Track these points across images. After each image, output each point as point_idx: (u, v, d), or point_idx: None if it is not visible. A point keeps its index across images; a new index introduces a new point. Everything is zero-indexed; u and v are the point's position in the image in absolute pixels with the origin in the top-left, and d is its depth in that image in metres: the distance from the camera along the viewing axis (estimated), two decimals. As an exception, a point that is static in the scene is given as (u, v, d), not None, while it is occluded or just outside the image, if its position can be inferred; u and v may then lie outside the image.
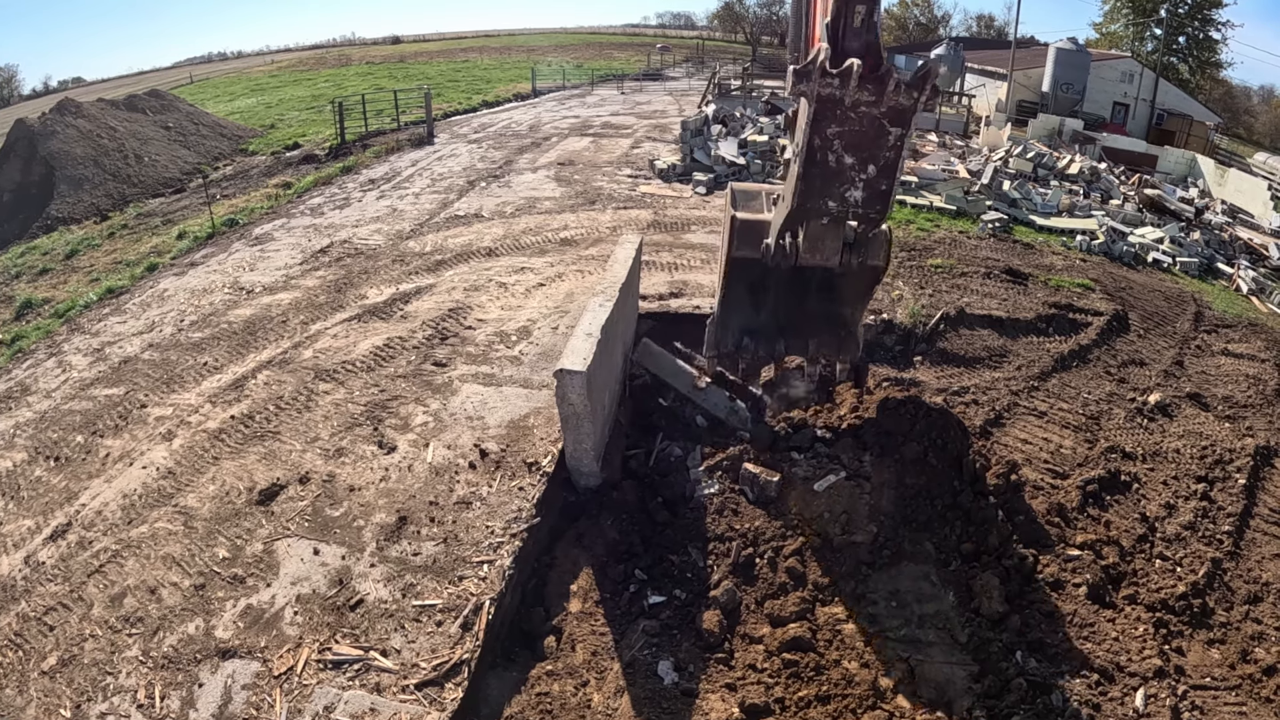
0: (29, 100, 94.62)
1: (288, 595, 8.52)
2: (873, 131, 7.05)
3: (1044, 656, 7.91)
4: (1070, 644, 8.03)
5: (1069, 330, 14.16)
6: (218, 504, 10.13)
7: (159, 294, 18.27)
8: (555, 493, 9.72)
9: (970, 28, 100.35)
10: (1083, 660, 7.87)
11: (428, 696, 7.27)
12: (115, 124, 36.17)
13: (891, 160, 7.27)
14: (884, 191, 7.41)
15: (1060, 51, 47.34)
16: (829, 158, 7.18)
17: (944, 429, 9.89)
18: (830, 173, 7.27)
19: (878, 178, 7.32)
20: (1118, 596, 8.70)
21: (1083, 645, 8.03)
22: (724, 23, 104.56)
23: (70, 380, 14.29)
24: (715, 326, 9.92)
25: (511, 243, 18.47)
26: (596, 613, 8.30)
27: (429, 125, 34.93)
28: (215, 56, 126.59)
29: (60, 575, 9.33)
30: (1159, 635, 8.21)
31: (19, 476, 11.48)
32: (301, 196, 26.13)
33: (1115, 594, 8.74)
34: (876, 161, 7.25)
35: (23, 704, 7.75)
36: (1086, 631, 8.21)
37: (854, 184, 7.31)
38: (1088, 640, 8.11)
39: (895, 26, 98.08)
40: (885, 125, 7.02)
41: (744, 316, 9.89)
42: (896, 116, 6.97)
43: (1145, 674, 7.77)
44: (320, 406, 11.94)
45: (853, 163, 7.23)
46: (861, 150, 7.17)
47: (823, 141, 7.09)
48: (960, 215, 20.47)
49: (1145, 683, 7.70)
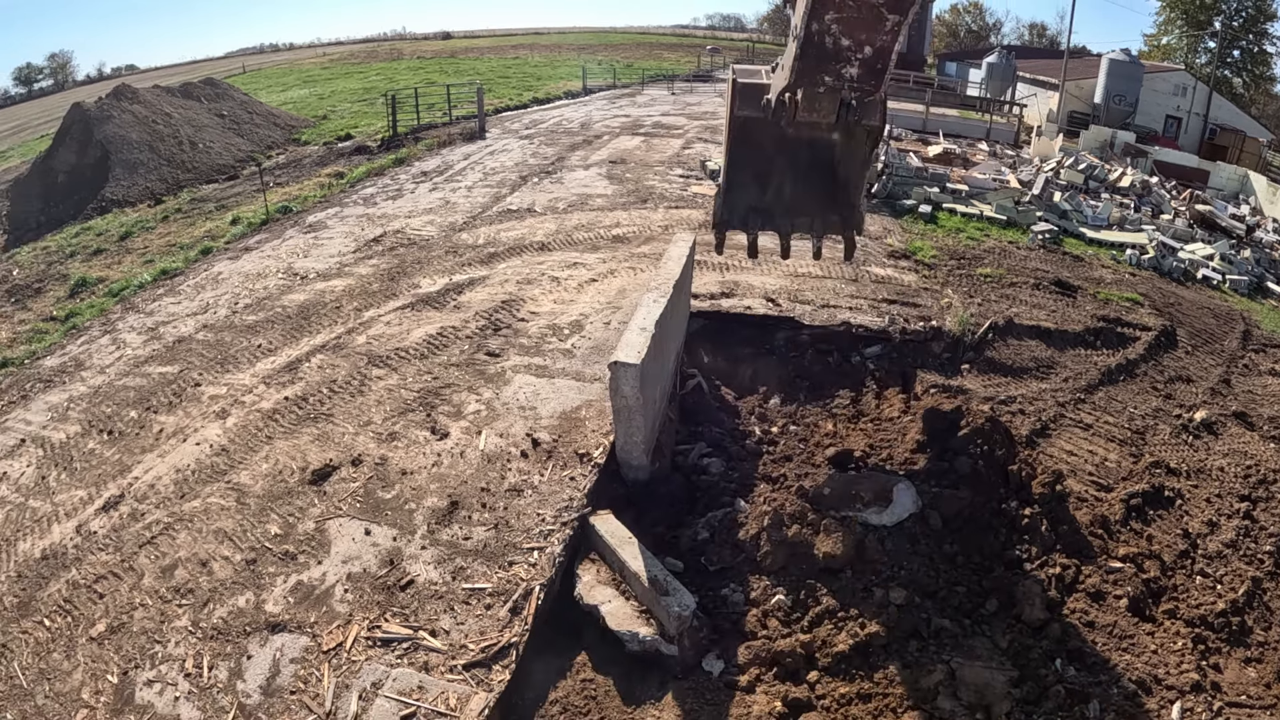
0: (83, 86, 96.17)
1: (338, 573, 8.68)
2: (871, 18, 7.03)
3: (1083, 665, 7.92)
4: (1109, 654, 8.05)
5: (1117, 344, 14.11)
6: (270, 482, 10.33)
7: (213, 277, 18.57)
8: (605, 484, 9.82)
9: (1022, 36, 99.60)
10: (1121, 671, 7.88)
11: (475, 677, 7.36)
12: (170, 110, 36.73)
13: (888, 44, 7.27)
14: (880, 70, 7.44)
15: (1113, 62, 46.94)
16: (826, 40, 7.17)
17: (992, 438, 9.94)
18: (827, 53, 7.27)
19: (874, 58, 7.35)
20: (1157, 610, 8.70)
21: (1121, 657, 8.05)
22: (774, 25, 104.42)
23: (124, 357, 14.58)
24: (720, 200, 9.93)
25: (564, 238, 18.62)
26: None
27: (481, 120, 35.12)
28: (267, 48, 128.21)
29: (111, 545, 9.54)
30: (1197, 651, 8.21)
31: (72, 448, 11.75)
32: (354, 186, 26.44)
33: (1155, 608, 8.73)
34: (873, 44, 7.24)
35: (69, 668, 7.92)
36: (1126, 643, 8.22)
37: (850, 63, 7.33)
38: (1126, 652, 8.12)
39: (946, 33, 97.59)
40: (884, 12, 7.01)
41: (749, 195, 9.89)
42: (895, 5, 7.00)
43: (1182, 688, 7.78)
44: (373, 391, 12.15)
45: (849, 44, 7.21)
46: (859, 34, 7.15)
47: (820, 26, 7.08)
48: (1010, 225, 20.42)
49: (1182, 696, 7.71)
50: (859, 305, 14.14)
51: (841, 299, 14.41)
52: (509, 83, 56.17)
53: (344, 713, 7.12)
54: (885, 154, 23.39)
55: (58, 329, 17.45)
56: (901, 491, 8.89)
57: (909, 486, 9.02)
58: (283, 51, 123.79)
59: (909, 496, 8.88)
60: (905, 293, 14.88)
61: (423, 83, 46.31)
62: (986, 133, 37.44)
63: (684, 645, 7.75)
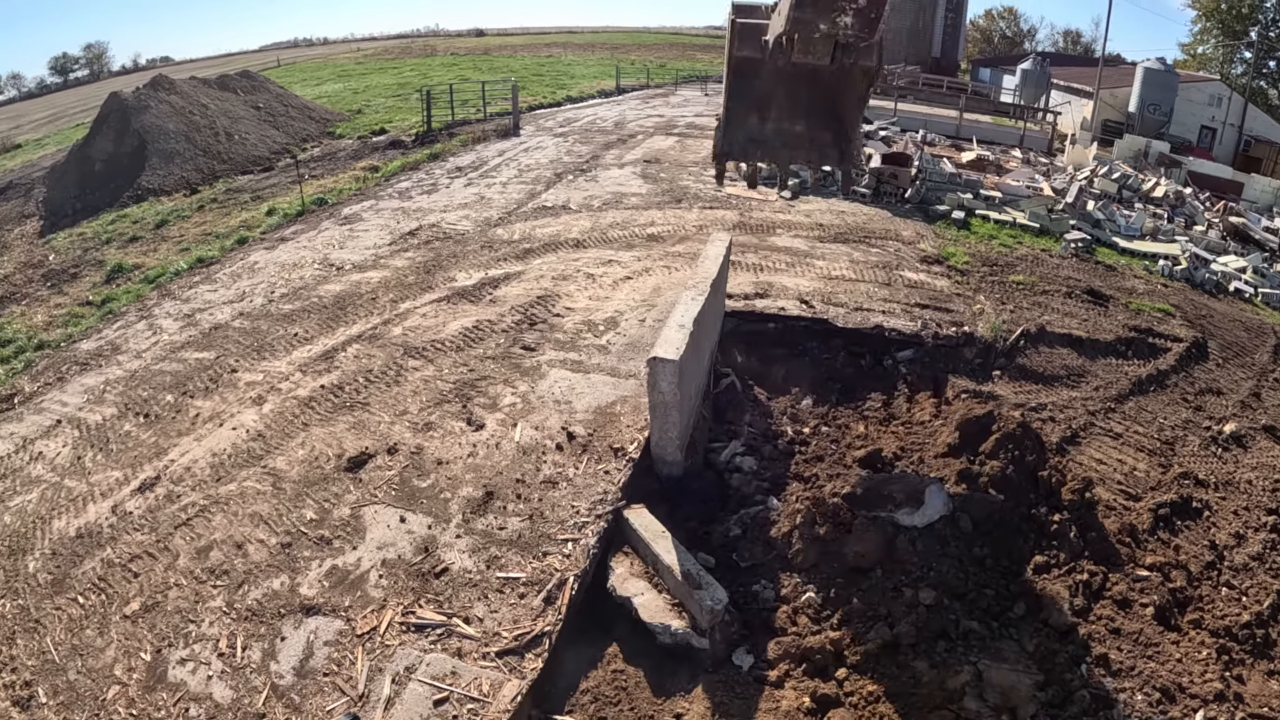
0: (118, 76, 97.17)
1: (373, 559, 8.82)
2: None
3: (1108, 671, 7.96)
4: (1134, 662, 8.09)
5: (1148, 354, 14.09)
6: (306, 468, 10.49)
7: (249, 266, 18.82)
8: (639, 479, 9.92)
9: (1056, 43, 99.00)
10: (1146, 678, 7.93)
11: (508, 665, 7.45)
12: (207, 101, 37.11)
13: None
14: (873, 19, 7.50)
15: (1148, 71, 46.55)
16: None
17: (1023, 443, 9.99)
18: (822, 2, 7.44)
19: (868, 8, 7.47)
20: (1183, 620, 8.73)
21: (1146, 664, 8.09)
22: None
23: (160, 342, 14.82)
24: (721, 132, 10.03)
25: (599, 236, 18.75)
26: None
27: (515, 117, 35.31)
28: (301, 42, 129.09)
29: (147, 525, 9.72)
30: (1221, 661, 8.23)
31: (108, 430, 11.98)
32: (389, 180, 26.68)
33: (1180, 617, 8.76)
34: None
35: (103, 645, 8.07)
36: (1151, 651, 8.25)
37: (845, 12, 7.44)
38: (1151, 660, 8.15)
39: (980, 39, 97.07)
40: None
41: (749, 127, 9.99)
42: None
43: (1206, 697, 7.82)
44: (409, 382, 12.30)
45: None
46: None
47: None
48: (1043, 233, 20.38)
49: (1205, 705, 7.74)
50: (892, 309, 14.19)
51: (874, 302, 14.47)
52: (542, 81, 56.36)
53: (377, 696, 7.22)
54: (919, 159, 23.40)
55: (94, 313, 17.73)
56: (933, 493, 8.96)
57: (940, 488, 9.09)
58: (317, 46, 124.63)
59: (940, 498, 8.95)
60: (938, 298, 14.93)
61: (456, 79, 46.55)
62: (1020, 140, 37.33)
63: (715, 639, 7.85)
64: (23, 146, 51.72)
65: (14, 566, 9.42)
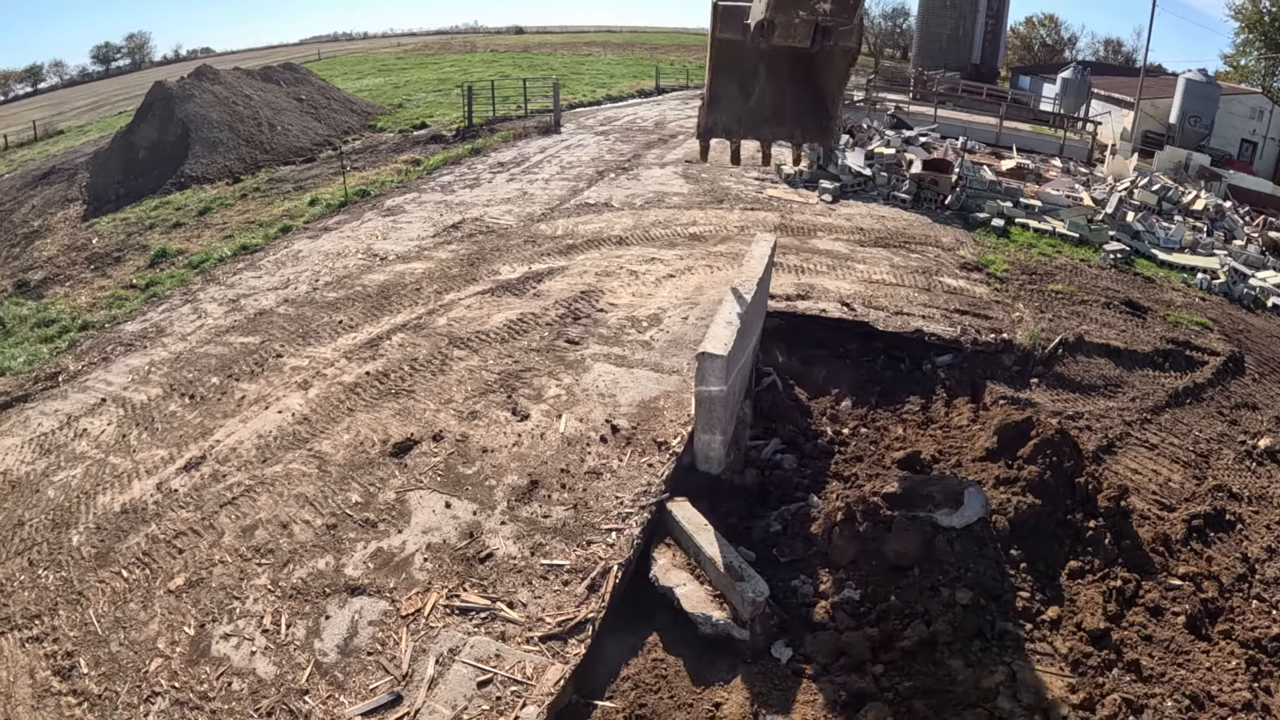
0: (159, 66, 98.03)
1: (418, 543, 9.01)
2: None
3: (1139, 677, 8.06)
4: (1165, 668, 8.18)
5: (1185, 367, 14.10)
6: (352, 452, 10.72)
7: (293, 254, 19.13)
8: (681, 473, 10.06)
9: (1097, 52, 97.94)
10: (1176, 685, 8.01)
11: (551, 649, 7.60)
12: (250, 92, 37.51)
13: None
14: (851, 5, 7.70)
15: (1189, 83, 46.16)
16: None
17: (1060, 449, 10.08)
18: None
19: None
20: (1213, 630, 8.80)
21: (1177, 671, 8.17)
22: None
23: (205, 326, 15.16)
24: (704, 112, 10.16)
25: (641, 233, 18.92)
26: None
27: (556, 114, 35.51)
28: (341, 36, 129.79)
29: (192, 503, 9.98)
30: (1250, 672, 8.30)
31: (153, 409, 12.29)
32: (431, 174, 26.96)
33: (1211, 627, 8.83)
34: None
35: (146, 619, 8.30)
36: (1181, 659, 8.33)
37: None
38: (1182, 667, 8.24)
39: (1020, 46, 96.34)
40: None
41: (732, 105, 10.11)
42: None
43: (1234, 705, 7.89)
44: (454, 371, 12.52)
45: None
46: None
47: None
48: (1082, 243, 20.37)
49: (1233, 714, 7.83)
50: (931, 314, 14.29)
51: (914, 307, 14.57)
52: (581, 79, 56.48)
53: (421, 676, 7.38)
54: (960, 166, 23.44)
55: (138, 296, 18.05)
56: (972, 495, 9.06)
57: (979, 491, 9.20)
58: (357, 40, 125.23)
59: (979, 500, 9.06)
60: (977, 304, 15.01)
61: (496, 76, 46.71)
62: (1060, 149, 37.16)
63: (755, 631, 8.00)
64: (65, 133, 52.42)
65: (57, 539, 9.70)
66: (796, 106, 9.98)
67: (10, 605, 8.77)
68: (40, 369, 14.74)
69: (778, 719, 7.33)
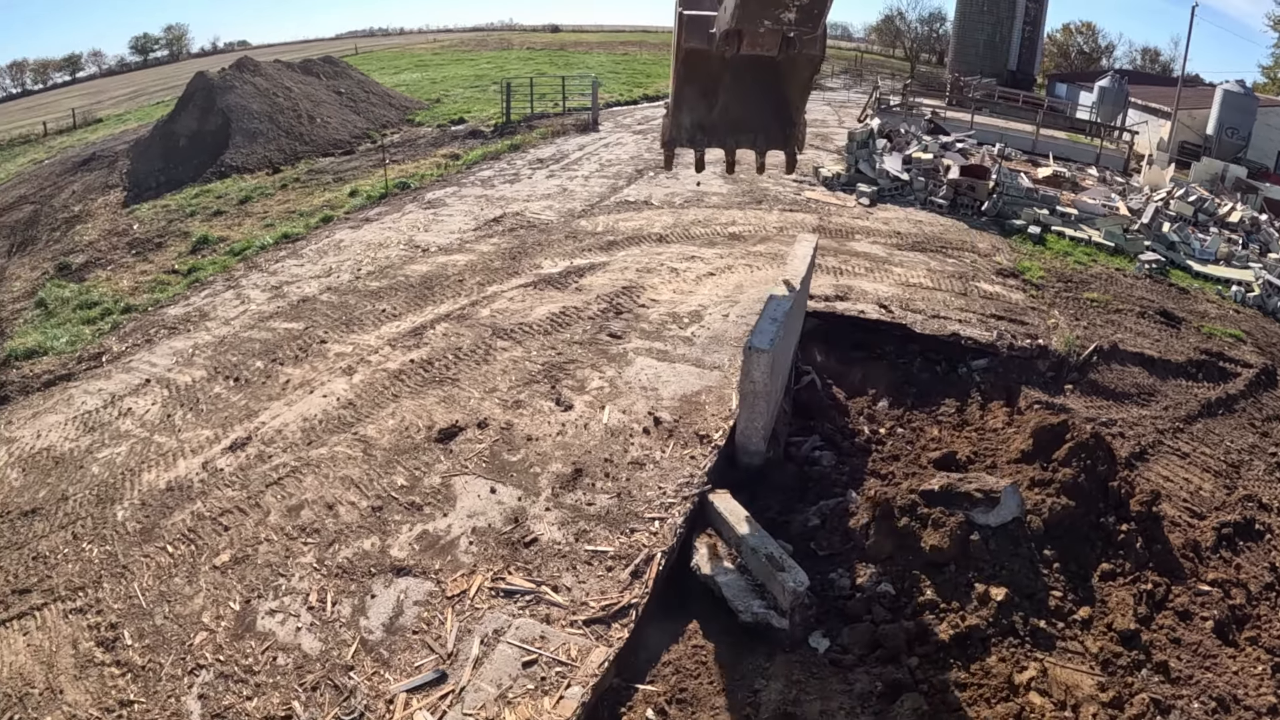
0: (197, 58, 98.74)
1: (464, 526, 9.24)
2: None
3: (1167, 678, 8.20)
4: (1192, 671, 8.32)
5: (1217, 378, 14.17)
6: (397, 437, 10.97)
7: (334, 243, 19.45)
8: (722, 466, 10.24)
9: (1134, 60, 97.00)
10: (1203, 688, 8.16)
11: (594, 633, 7.80)
12: (290, 85, 37.93)
13: None
14: (817, 14, 7.83)
15: (1227, 94, 45.74)
16: None
17: (1095, 453, 10.21)
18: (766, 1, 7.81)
19: (811, 5, 7.82)
20: (1240, 636, 8.92)
21: (1204, 674, 8.31)
22: (882, 36, 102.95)
23: (249, 311, 15.48)
24: (669, 120, 10.35)
25: (681, 232, 19.13)
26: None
27: (594, 113, 35.74)
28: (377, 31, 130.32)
29: (238, 483, 10.25)
30: (1276, 678, 8.40)
31: (198, 391, 12.61)
32: (470, 168, 27.24)
33: (1238, 633, 8.96)
34: None
35: (191, 593, 8.54)
36: (1209, 662, 8.47)
37: (789, 8, 7.80)
38: (1209, 670, 8.37)
39: (1057, 53, 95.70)
40: None
41: (696, 113, 10.26)
42: None
43: (1260, 709, 8.03)
44: (498, 361, 12.77)
45: None
46: None
47: None
48: (1118, 252, 20.39)
49: (1259, 718, 7.96)
50: (968, 318, 14.43)
51: (951, 311, 14.72)
52: (618, 78, 56.53)
53: (466, 655, 7.57)
54: (997, 173, 23.49)
55: (180, 281, 18.40)
56: (1008, 494, 9.20)
57: (1015, 491, 9.33)
58: (393, 36, 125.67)
59: (1015, 500, 9.20)
60: (1012, 310, 15.14)
61: (533, 73, 46.83)
62: (1096, 158, 37.02)
63: (794, 620, 8.19)
64: (104, 121, 52.95)
65: (102, 514, 9.99)
66: (760, 114, 10.21)
67: (54, 577, 9.03)
68: (83, 349, 15.11)
69: (815, 706, 7.50)
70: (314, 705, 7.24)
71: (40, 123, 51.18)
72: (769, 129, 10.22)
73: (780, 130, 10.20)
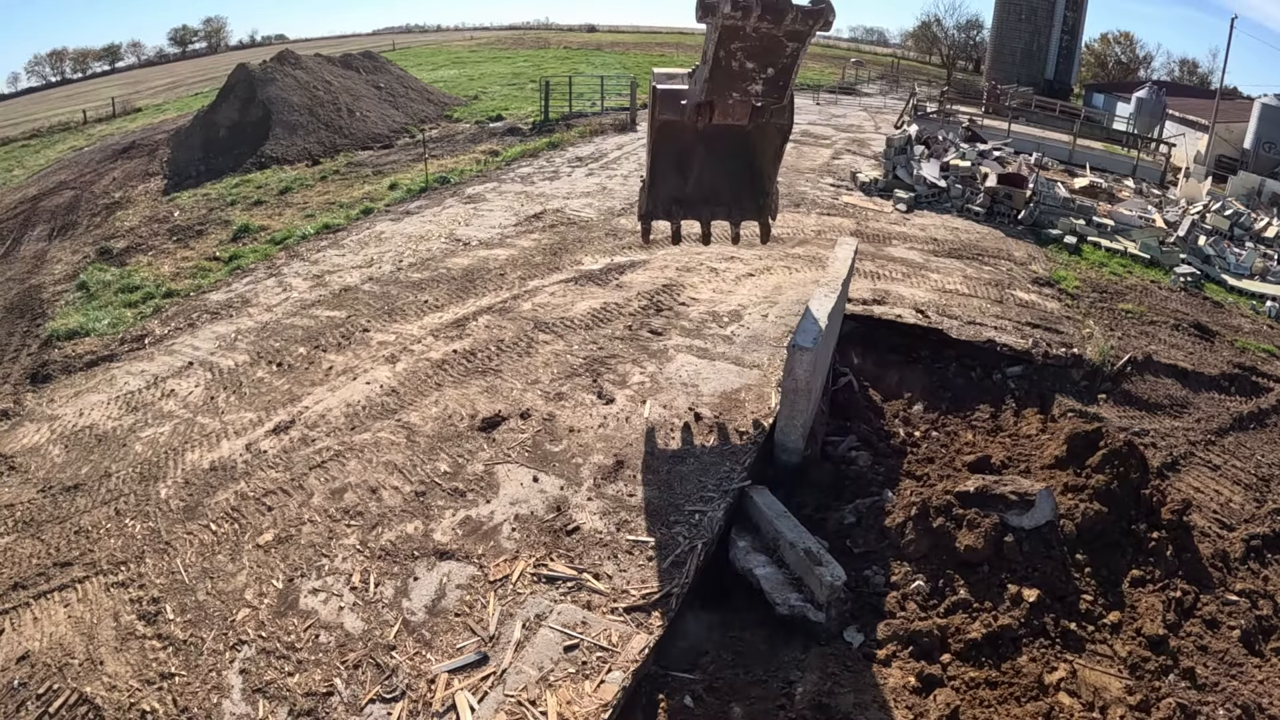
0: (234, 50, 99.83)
1: (506, 513, 9.43)
2: (773, 46, 7.85)
3: (1193, 684, 8.31)
4: (1219, 678, 8.44)
5: (1250, 393, 14.19)
6: (440, 424, 11.20)
7: (375, 235, 19.72)
8: (760, 463, 10.43)
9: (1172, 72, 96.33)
10: (1229, 695, 8.27)
11: (635, 620, 7.94)
12: (330, 78, 38.33)
13: (789, 65, 8.15)
14: (781, 86, 8.32)
15: (1265, 108, 45.32)
16: (732, 64, 8.00)
17: (1128, 461, 10.33)
18: (734, 74, 8.12)
19: (775, 77, 8.21)
20: (1266, 646, 9.03)
21: (1230, 682, 8.42)
22: (919, 42, 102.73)
23: (291, 299, 15.74)
24: (645, 193, 10.57)
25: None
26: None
27: (632, 112, 35.93)
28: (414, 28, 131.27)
29: (281, 465, 10.47)
30: None
31: (240, 375, 12.86)
32: (509, 165, 27.48)
33: (1265, 644, 9.06)
34: (776, 66, 8.11)
35: (234, 570, 8.74)
36: (1235, 670, 8.58)
37: (755, 81, 8.17)
38: (1235, 679, 8.48)
39: (1095, 63, 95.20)
40: (784, 41, 7.81)
41: (671, 186, 10.57)
42: (794, 36, 7.75)
43: (1285, 720, 8.18)
44: (540, 354, 12.99)
45: (754, 67, 8.06)
46: (762, 59, 8.00)
47: (727, 54, 7.90)
48: (1153, 265, 20.41)
49: (1285, 727, 8.14)
50: (1003, 325, 14.54)
51: (987, 317, 14.84)
52: (655, 78, 56.64)
53: (508, 638, 7.72)
54: (1034, 182, 23.55)
55: (221, 268, 18.70)
56: (1043, 498, 9.33)
57: (1049, 495, 9.46)
58: (430, 33, 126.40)
59: (1049, 504, 9.34)
60: (1048, 318, 15.23)
61: (570, 72, 47.11)
62: (1133, 169, 36.92)
63: (830, 614, 8.38)
64: (143, 110, 53.61)
65: (145, 491, 10.21)
66: (734, 186, 10.60)
67: (96, 551, 9.23)
68: (125, 331, 15.42)
69: (849, 698, 7.68)
70: (355, 683, 7.37)
71: (80, 110, 51.73)
72: (742, 201, 10.71)
73: (753, 201, 10.67)
